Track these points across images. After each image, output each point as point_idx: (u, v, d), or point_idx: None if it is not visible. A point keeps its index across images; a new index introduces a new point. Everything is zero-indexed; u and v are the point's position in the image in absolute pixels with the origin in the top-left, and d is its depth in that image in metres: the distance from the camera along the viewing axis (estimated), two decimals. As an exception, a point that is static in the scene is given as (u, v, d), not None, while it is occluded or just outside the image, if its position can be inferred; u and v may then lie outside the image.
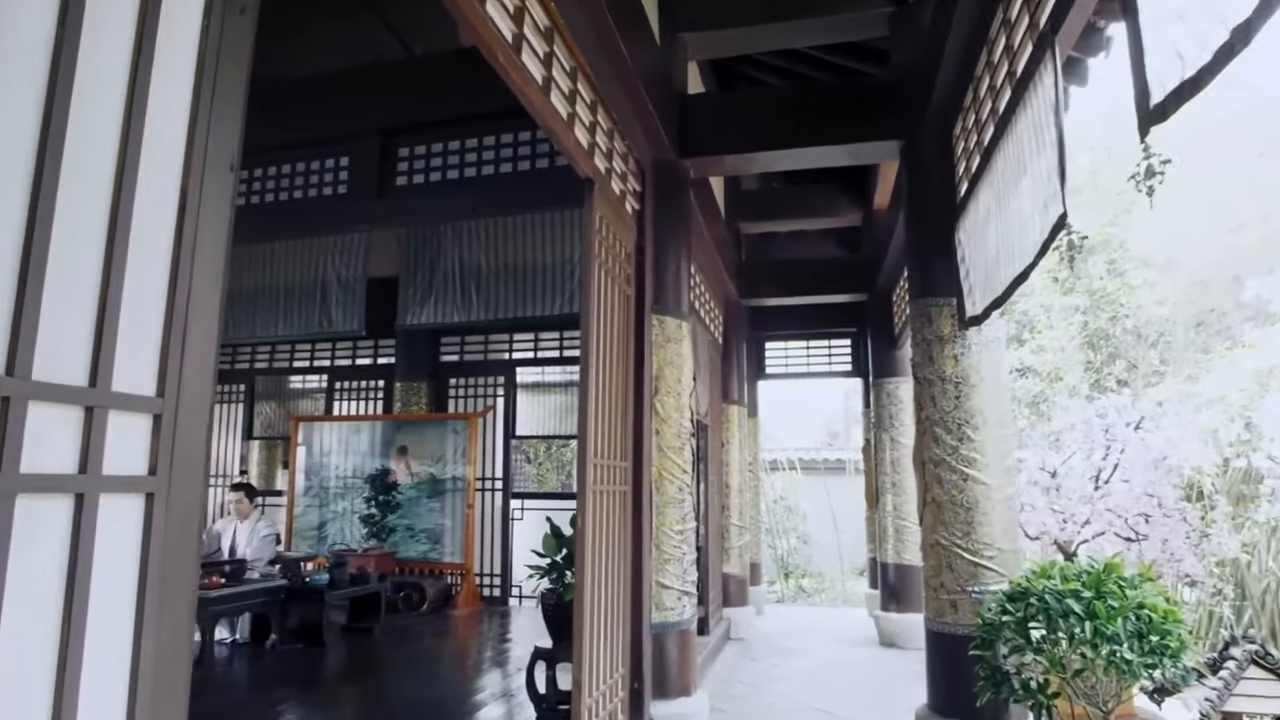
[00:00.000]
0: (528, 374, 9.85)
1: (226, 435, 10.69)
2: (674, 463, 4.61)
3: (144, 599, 1.26)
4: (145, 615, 1.26)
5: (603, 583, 3.92)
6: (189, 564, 1.35)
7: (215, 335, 1.43)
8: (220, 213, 1.45)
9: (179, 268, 1.36)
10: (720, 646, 6.96)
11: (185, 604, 1.34)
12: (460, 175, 5.69)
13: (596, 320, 3.86)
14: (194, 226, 1.39)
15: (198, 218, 1.40)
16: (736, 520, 7.96)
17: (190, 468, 1.35)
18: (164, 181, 1.35)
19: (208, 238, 1.42)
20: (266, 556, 6.80)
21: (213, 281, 1.43)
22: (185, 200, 1.38)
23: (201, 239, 1.40)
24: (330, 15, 5.60)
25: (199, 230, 1.40)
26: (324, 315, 6.03)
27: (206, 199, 1.42)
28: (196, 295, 1.39)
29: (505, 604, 8.94)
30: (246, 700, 5.11)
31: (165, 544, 1.30)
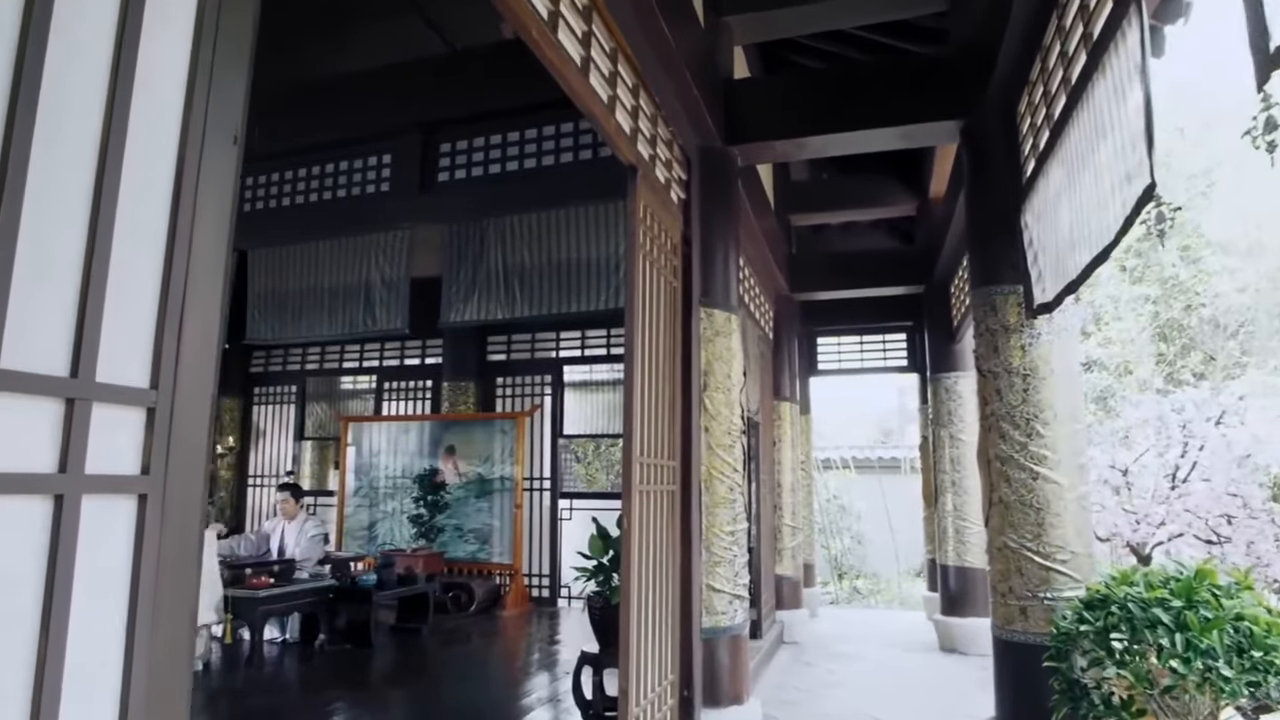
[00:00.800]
0: (575, 372, 9.76)
1: (279, 436, 10.83)
2: (724, 461, 4.43)
3: (136, 612, 1.14)
4: (137, 630, 1.14)
5: (650, 586, 3.76)
6: (188, 573, 1.23)
7: (217, 322, 1.31)
8: (222, 189, 1.33)
9: (175, 247, 1.24)
10: (773, 650, 6.76)
11: (184, 617, 1.22)
12: (502, 169, 5.59)
13: (641, 313, 3.71)
14: (192, 203, 1.27)
15: (196, 193, 1.28)
16: (789, 520, 7.74)
17: (189, 466, 1.24)
18: (157, 152, 1.23)
19: (208, 216, 1.30)
20: (315, 556, 6.81)
21: (214, 264, 1.31)
22: (182, 174, 1.26)
23: (201, 217, 1.29)
24: (370, 13, 5.56)
25: (198, 207, 1.28)
26: (368, 314, 5.99)
27: (206, 173, 1.30)
28: (196, 278, 1.27)
29: (554, 605, 8.86)
30: (295, 701, 5.08)
31: (161, 551, 1.18)
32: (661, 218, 4.09)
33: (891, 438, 21.59)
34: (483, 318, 5.74)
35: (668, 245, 4.22)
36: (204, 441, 1.28)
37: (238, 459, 10.60)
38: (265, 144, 6.07)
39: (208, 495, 1.34)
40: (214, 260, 1.31)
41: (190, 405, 1.25)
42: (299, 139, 6.03)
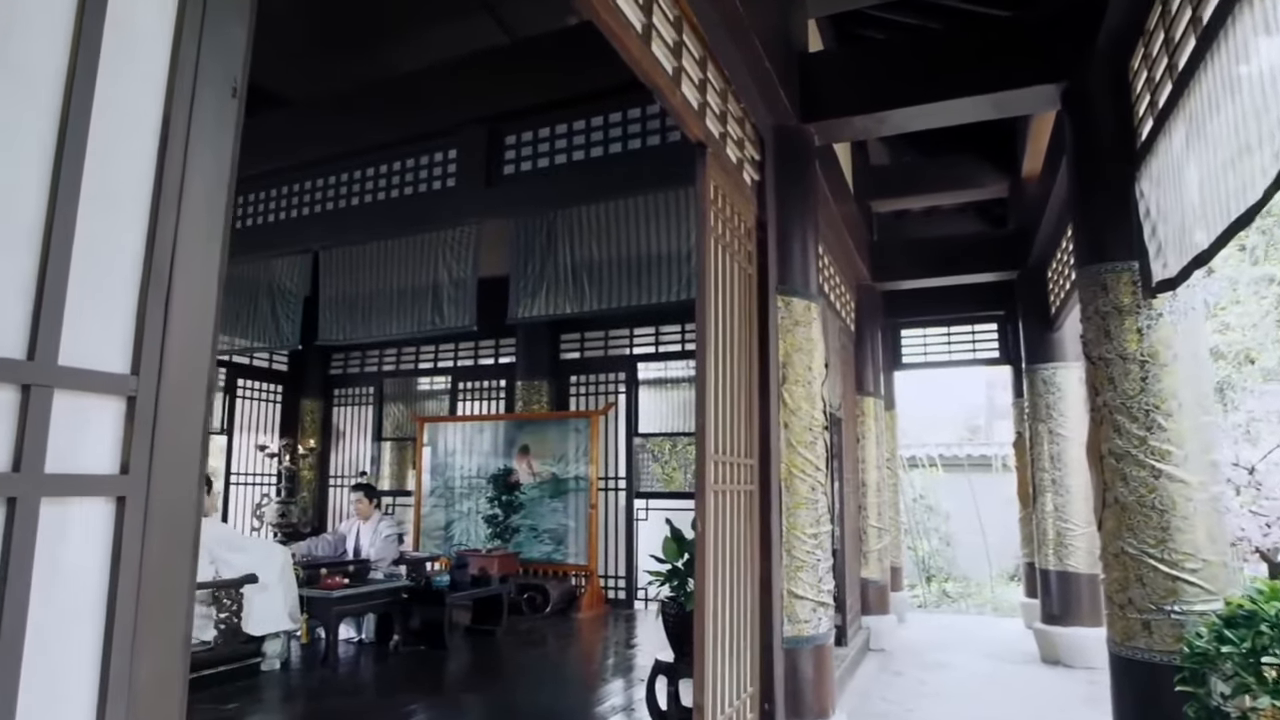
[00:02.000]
0: (649, 369, 9.57)
1: (358, 437, 10.98)
2: (805, 459, 4.15)
3: (112, 637, 0.98)
4: (113, 659, 0.97)
5: (727, 592, 3.52)
6: (179, 588, 1.06)
7: (213, 300, 1.15)
8: (219, 147, 1.16)
9: (160, 211, 1.07)
10: (859, 658, 6.41)
11: (173, 641, 1.06)
12: (568, 160, 5.42)
13: (714, 301, 3.47)
14: (180, 162, 1.10)
15: (186, 150, 1.11)
16: (875, 521, 7.36)
17: (179, 465, 1.07)
18: (137, 103, 1.07)
19: (202, 176, 1.13)
20: (390, 557, 6.80)
21: (209, 233, 1.14)
22: (169, 127, 1.09)
23: (193, 177, 1.12)
24: (431, 7, 5.49)
25: (189, 166, 1.11)
26: (436, 312, 5.92)
27: (200, 128, 1.13)
28: (186, 248, 1.10)
29: (630, 607, 8.68)
30: (368, 703, 5.02)
31: (144, 562, 1.01)
32: (734, 200, 3.84)
33: (979, 435, 20.69)
34: (552, 313, 5.60)
35: (741, 229, 3.97)
36: (198, 436, 1.11)
37: (319, 460, 10.79)
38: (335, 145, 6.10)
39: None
40: (210, 227, 1.14)
41: (180, 394, 1.08)
42: (367, 139, 6.00)
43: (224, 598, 5.18)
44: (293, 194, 6.51)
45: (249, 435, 10.15)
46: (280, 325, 6.56)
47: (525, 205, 5.62)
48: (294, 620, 5.48)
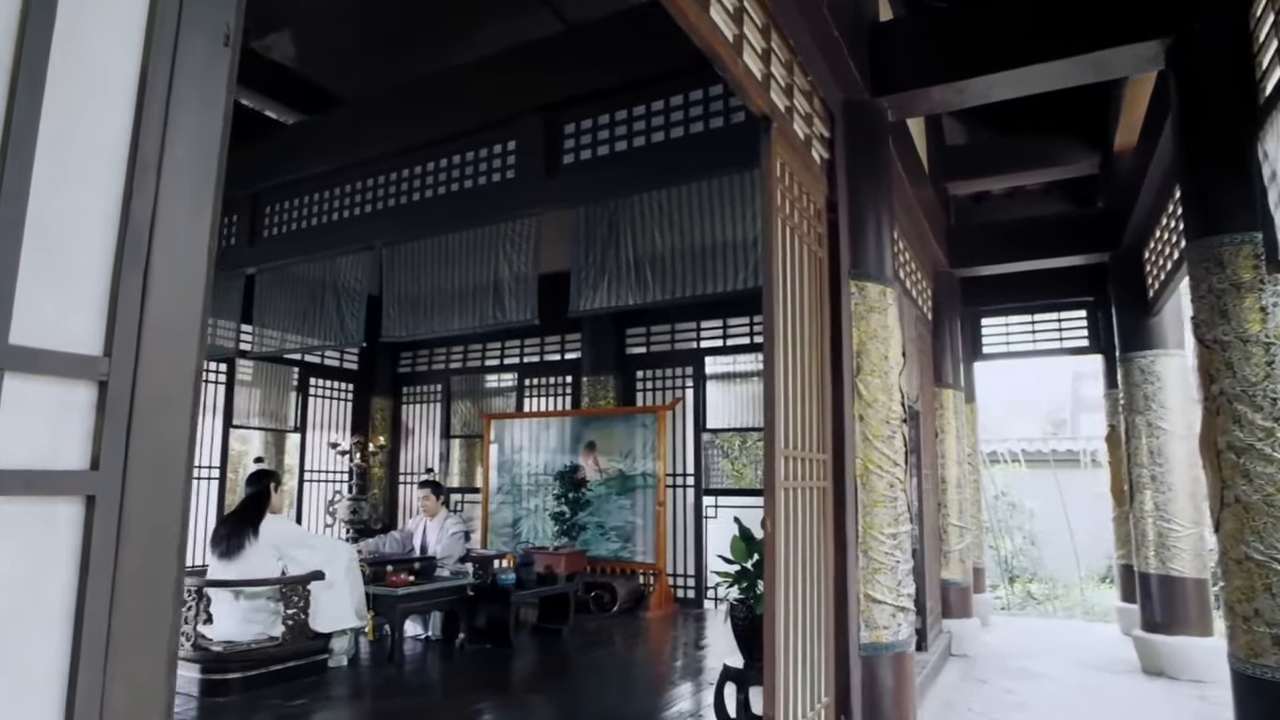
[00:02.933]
0: (717, 364, 9.35)
1: (426, 434, 11.07)
2: (882, 454, 3.89)
3: (79, 654, 0.84)
4: (80, 679, 0.84)
5: (799, 595, 3.30)
6: (161, 597, 0.93)
7: (202, 277, 1.01)
8: (209, 100, 1.02)
9: (136, 179, 0.94)
10: (940, 664, 6.08)
11: (156, 653, 0.92)
12: (628, 146, 5.25)
13: (782, 285, 3.25)
14: (161, 118, 0.97)
15: (167, 110, 0.97)
16: (955, 520, 6.99)
17: (161, 459, 0.93)
18: (106, 52, 0.93)
19: (185, 140, 0.99)
20: (456, 554, 6.76)
21: (195, 202, 1.00)
22: (147, 76, 0.95)
23: (175, 142, 0.98)
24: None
25: (170, 128, 0.98)
26: (498, 306, 5.83)
27: (184, 78, 0.99)
28: (167, 220, 0.96)
29: (699, 606, 8.48)
30: (431, 702, 4.96)
31: (119, 569, 0.88)
32: (802, 178, 3.60)
33: (1063, 429, 19.76)
34: (614, 304, 5.43)
35: (810, 210, 3.73)
36: (184, 428, 0.97)
37: (389, 457, 10.90)
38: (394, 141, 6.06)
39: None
40: (197, 196, 1.00)
41: (162, 381, 0.94)
42: (425, 134, 5.95)
43: (291, 594, 5.19)
44: (355, 192, 6.51)
45: (321, 433, 10.32)
46: (345, 323, 6.58)
47: (585, 195, 5.47)
48: (360, 618, 5.47)
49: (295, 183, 6.78)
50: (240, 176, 7.02)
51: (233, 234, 7.38)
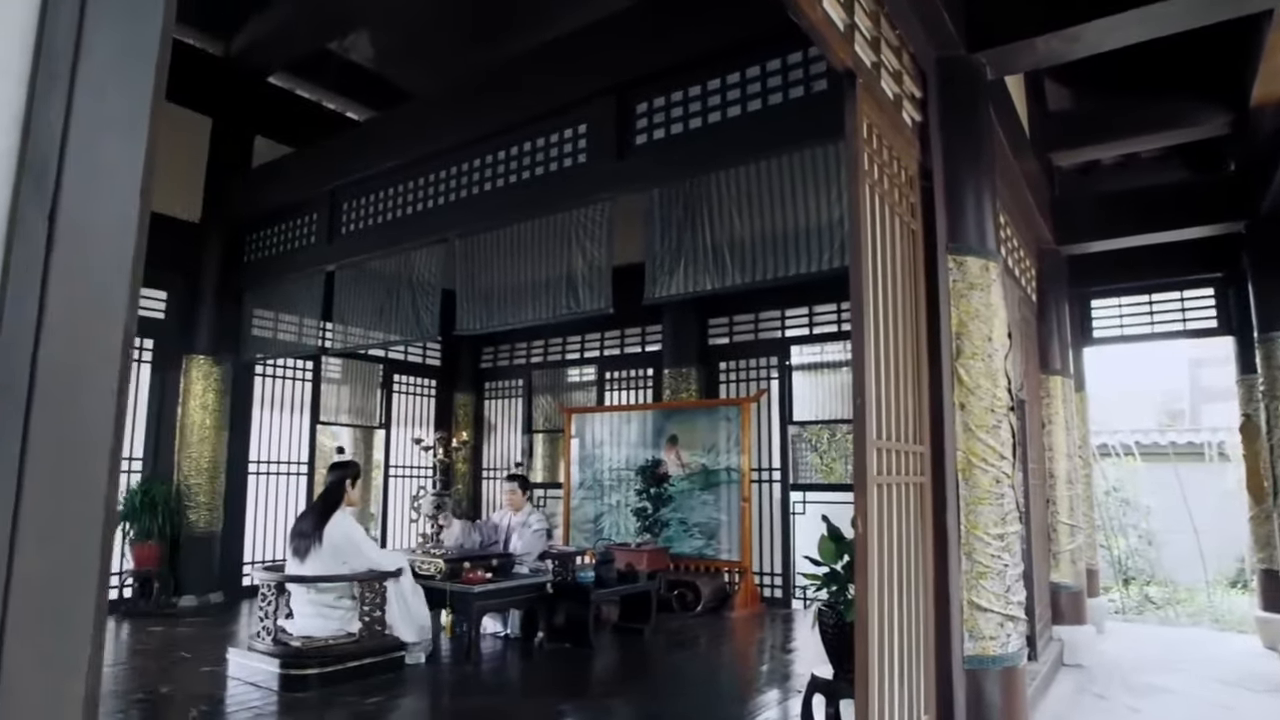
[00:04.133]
0: (804, 353, 8.97)
1: (508, 429, 11.05)
2: (986, 446, 3.51)
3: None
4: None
5: (894, 602, 2.98)
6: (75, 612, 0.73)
7: (132, 224, 0.81)
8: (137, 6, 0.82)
9: (40, 86, 0.74)
10: (1052, 675, 5.59)
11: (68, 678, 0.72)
12: (703, 123, 4.98)
13: (870, 258, 2.93)
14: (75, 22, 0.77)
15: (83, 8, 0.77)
16: (1066, 518, 6.44)
17: (72, 448, 0.73)
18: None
19: (107, 39, 0.79)
20: (536, 551, 6.63)
21: (125, 125, 0.80)
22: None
23: (93, 41, 0.78)
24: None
25: (87, 28, 0.77)
26: (571, 296, 5.65)
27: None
28: (82, 146, 0.76)
29: (787, 606, 8.14)
30: (505, 704, 4.81)
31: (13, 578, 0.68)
32: (892, 141, 3.26)
33: (1180, 420, 18.38)
34: (691, 290, 5.17)
35: (901, 177, 3.39)
36: (108, 410, 0.77)
37: (472, 453, 10.94)
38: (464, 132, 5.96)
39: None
40: (127, 118, 0.80)
41: (74, 353, 0.74)
42: (495, 121, 5.82)
43: (366, 591, 5.14)
44: (427, 184, 6.45)
45: (406, 429, 10.42)
46: (420, 317, 6.53)
47: (659, 176, 5.23)
48: (419, 635, 5.34)
49: (370, 179, 6.78)
50: (318, 175, 7.09)
51: (312, 232, 7.46)
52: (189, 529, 7.73)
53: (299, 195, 7.33)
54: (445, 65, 7.15)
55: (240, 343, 8.20)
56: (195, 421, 7.91)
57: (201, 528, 7.81)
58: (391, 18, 7.79)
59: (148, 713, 4.42)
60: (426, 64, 8.33)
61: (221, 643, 5.57)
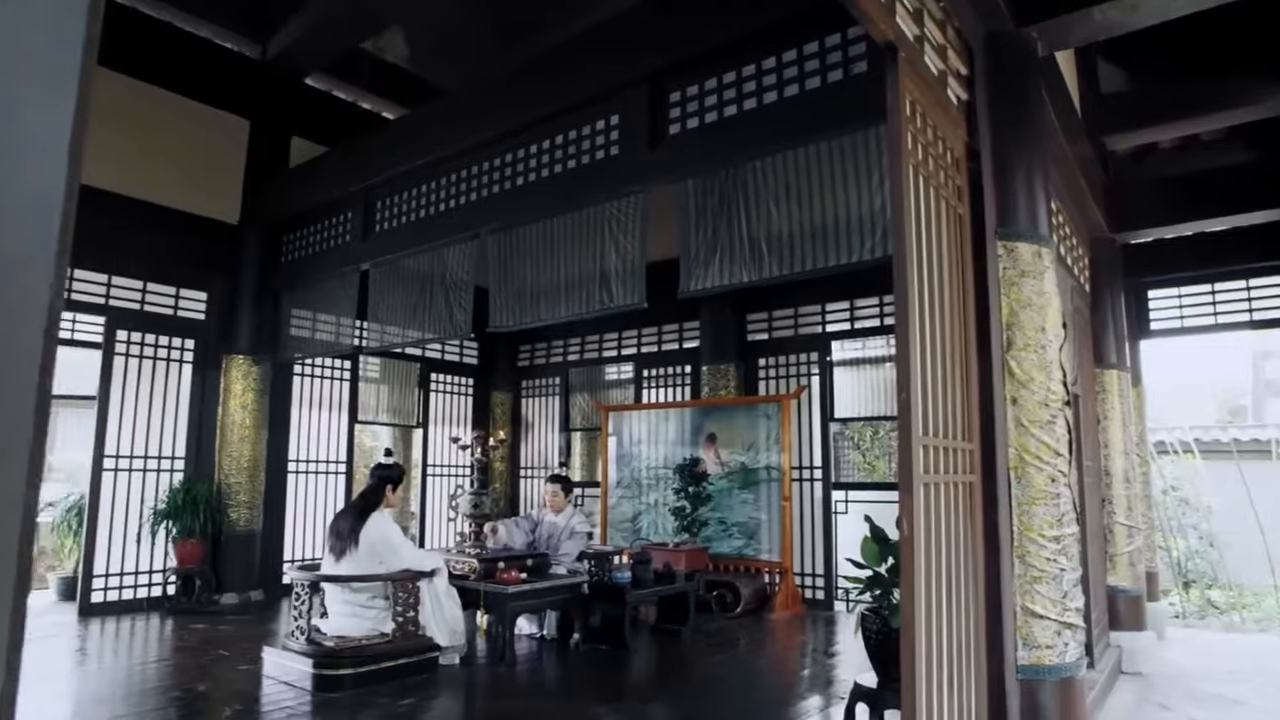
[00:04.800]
0: (845, 348, 8.75)
1: (545, 428, 10.99)
2: (1040, 442, 3.31)
3: None
4: None
5: (943, 607, 2.81)
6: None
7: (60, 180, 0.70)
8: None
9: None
10: (1110, 685, 5.32)
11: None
12: (739, 110, 4.82)
13: (915, 243, 2.76)
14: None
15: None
16: (1123, 518, 6.15)
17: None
18: None
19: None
20: (574, 552, 6.53)
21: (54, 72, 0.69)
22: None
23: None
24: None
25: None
26: (604, 291, 5.54)
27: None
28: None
29: (829, 608, 7.94)
30: (536, 706, 4.71)
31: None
32: (936, 120, 3.08)
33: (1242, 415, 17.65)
34: (727, 282, 5.02)
35: (947, 159, 3.20)
36: (28, 410, 0.66)
37: (509, 451, 10.90)
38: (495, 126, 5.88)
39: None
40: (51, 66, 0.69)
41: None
42: (527, 115, 5.72)
43: (399, 591, 5.09)
44: (459, 180, 6.39)
45: (443, 428, 10.41)
46: (454, 315, 6.48)
47: (692, 166, 5.08)
48: (453, 640, 5.28)
49: (403, 176, 6.75)
50: (353, 173, 7.08)
51: (346, 231, 7.46)
52: (230, 527, 7.80)
53: (334, 194, 7.33)
54: (478, 61, 7.09)
55: (278, 342, 8.25)
56: (235, 421, 7.98)
57: (242, 526, 7.87)
58: (424, 15, 7.76)
59: (183, 710, 4.41)
60: (460, 61, 8.29)
61: (260, 641, 5.57)
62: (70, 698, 4.76)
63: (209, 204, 8.07)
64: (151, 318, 7.80)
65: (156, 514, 7.52)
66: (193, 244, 7.95)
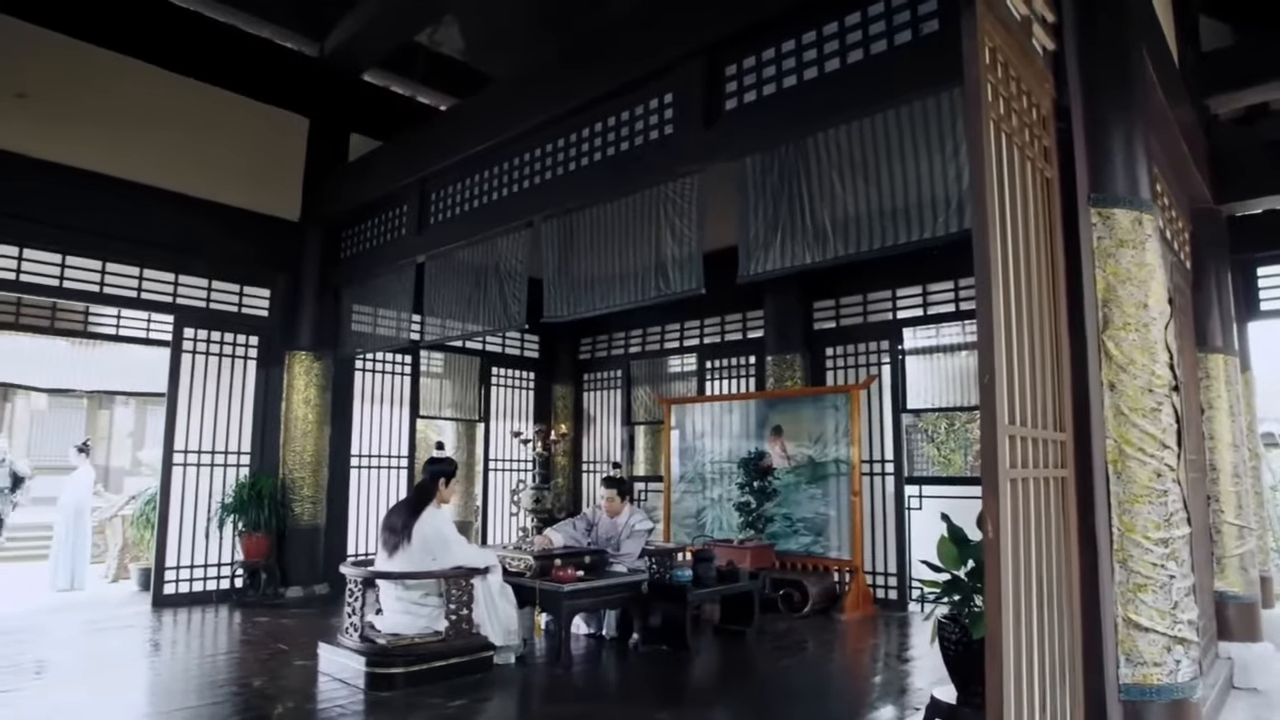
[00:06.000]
0: (917, 336, 8.32)
1: (608, 422, 10.82)
2: (1143, 433, 2.93)
3: None
4: None
5: (1032, 618, 2.49)
6: None
7: None
8: None
9: None
10: (1220, 702, 4.82)
11: None
12: (798, 80, 4.51)
13: (997, 207, 2.44)
14: None
15: None
16: (1233, 517, 5.60)
17: None
18: None
19: None
20: (636, 551, 6.32)
21: None
22: None
23: None
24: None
25: None
26: (660, 277, 5.30)
27: None
28: None
29: (902, 609, 7.55)
30: (590, 710, 4.51)
31: None
32: (1020, 72, 2.74)
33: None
34: (789, 264, 4.71)
35: (1032, 115, 2.86)
36: None
37: (571, 445, 10.77)
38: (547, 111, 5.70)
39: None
40: None
41: None
42: (578, 97, 5.52)
43: (452, 589, 4.96)
44: (511, 169, 6.24)
45: (505, 422, 10.34)
46: (508, 306, 6.33)
47: (751, 142, 4.79)
48: (506, 637, 5.11)
49: (456, 166, 6.65)
50: (407, 166, 7.01)
51: (402, 224, 7.41)
52: (294, 521, 7.86)
53: (388, 188, 7.29)
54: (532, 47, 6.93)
55: (339, 338, 8.27)
56: (298, 416, 8.03)
57: (306, 520, 7.92)
58: (478, 3, 7.66)
59: (237, 706, 4.38)
60: (515, 50, 8.17)
61: (319, 635, 5.53)
62: (134, 687, 4.81)
63: (271, 202, 8.14)
64: (217, 315, 7.91)
65: (223, 508, 7.62)
66: (256, 242, 8.04)
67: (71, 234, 6.99)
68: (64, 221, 6.93)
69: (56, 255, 7.01)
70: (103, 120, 7.10)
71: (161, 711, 4.33)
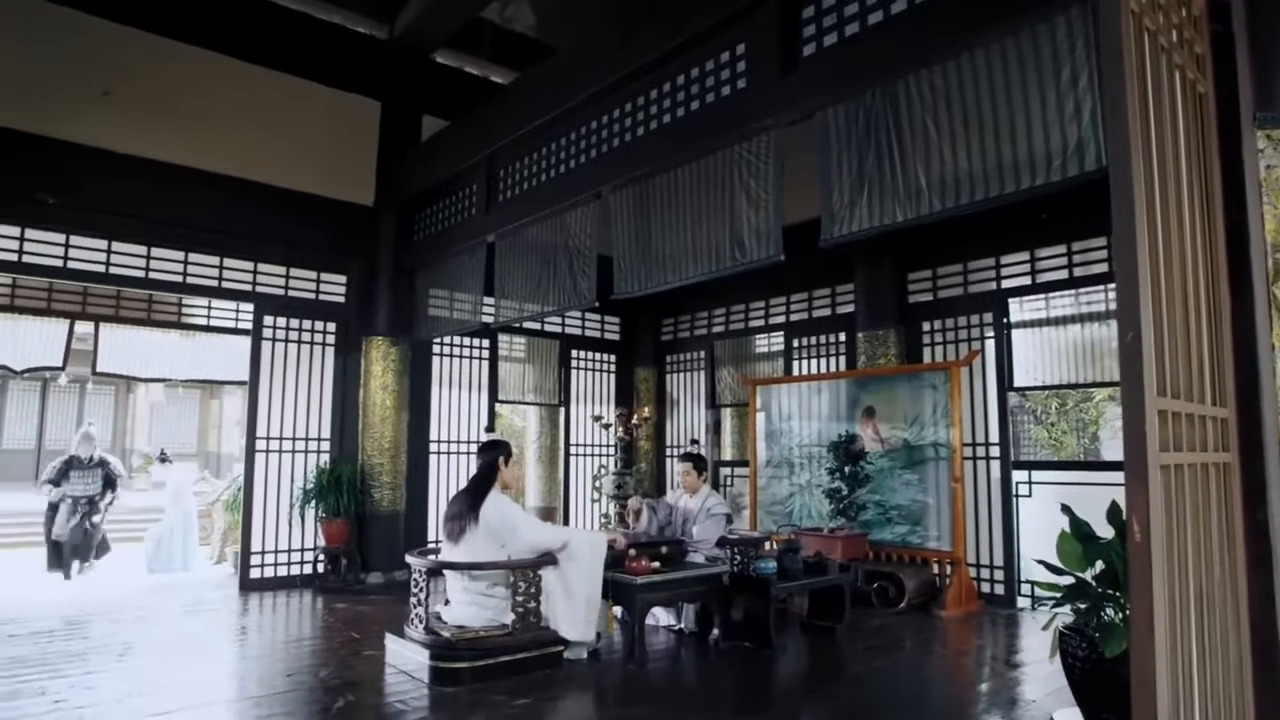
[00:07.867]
0: (1025, 307, 7.59)
1: (691, 404, 10.45)
2: (1329, 407, 2.36)
3: None
4: None
5: (1191, 637, 2.00)
6: None
7: None
8: None
9: None
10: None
11: None
12: (885, 14, 4.00)
13: (1137, 125, 1.94)
14: None
15: None
16: None
17: None
18: None
19: None
20: (713, 538, 5.96)
21: None
22: None
23: None
24: None
25: None
26: (736, 245, 4.87)
27: None
28: None
29: (1010, 605, 6.91)
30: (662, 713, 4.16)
31: None
32: (1165, -42, 2.21)
33: None
34: (878, 224, 4.20)
35: (1181, 14, 2.31)
36: None
37: (654, 429, 10.45)
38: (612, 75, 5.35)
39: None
40: None
41: None
42: (645, 53, 5.13)
43: (519, 580, 4.71)
44: (578, 138, 5.92)
45: (585, 406, 10.11)
46: (577, 283, 6.02)
47: (833, 91, 4.30)
48: (582, 631, 4.82)
49: (523, 140, 6.38)
50: (475, 143, 6.79)
51: (472, 204, 7.20)
52: (374, 507, 7.82)
53: (457, 166, 7.10)
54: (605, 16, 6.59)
55: (414, 322, 8.18)
56: (376, 402, 7.98)
57: (385, 506, 7.88)
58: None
59: (298, 695, 4.24)
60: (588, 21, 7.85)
61: (394, 623, 5.39)
62: (200, 672, 4.75)
63: (345, 188, 8.09)
64: (295, 302, 7.91)
65: (304, 494, 7.64)
66: (331, 228, 8.01)
67: (157, 226, 7.11)
68: (148, 214, 7.03)
69: (142, 248, 7.12)
70: (181, 112, 7.15)
71: (222, 700, 4.23)
